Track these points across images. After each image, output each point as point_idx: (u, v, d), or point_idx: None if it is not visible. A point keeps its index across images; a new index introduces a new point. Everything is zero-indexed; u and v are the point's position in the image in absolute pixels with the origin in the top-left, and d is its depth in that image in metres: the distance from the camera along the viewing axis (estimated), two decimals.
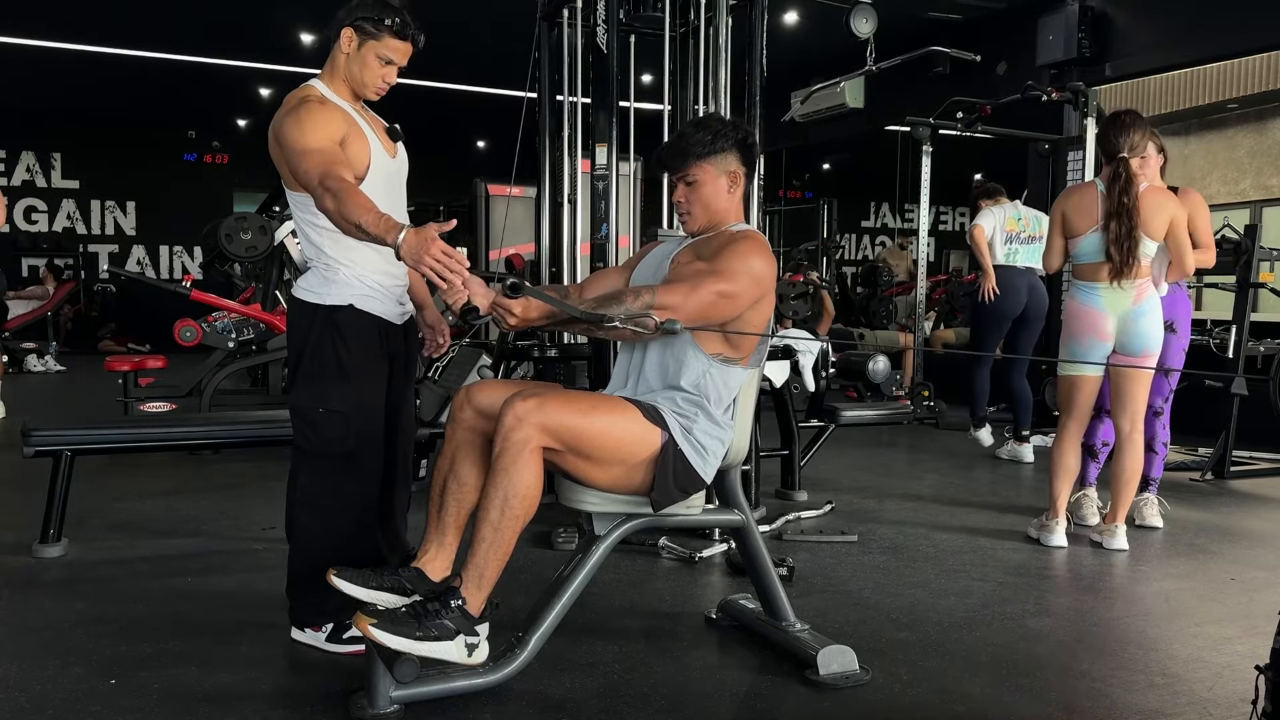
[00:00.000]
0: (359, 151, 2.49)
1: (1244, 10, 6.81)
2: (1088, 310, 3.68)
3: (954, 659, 2.63)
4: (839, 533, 3.88)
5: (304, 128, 2.40)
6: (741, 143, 2.51)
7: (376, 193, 2.50)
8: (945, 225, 17.55)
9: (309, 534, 2.58)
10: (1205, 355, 5.57)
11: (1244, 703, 2.03)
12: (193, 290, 6.31)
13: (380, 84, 2.56)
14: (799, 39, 9.15)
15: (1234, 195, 12.04)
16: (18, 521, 3.80)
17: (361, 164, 2.49)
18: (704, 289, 2.32)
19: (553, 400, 2.20)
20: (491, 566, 2.20)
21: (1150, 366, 3.73)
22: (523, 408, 2.15)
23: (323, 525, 2.57)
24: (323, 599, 2.50)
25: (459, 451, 2.36)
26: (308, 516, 2.58)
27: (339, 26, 2.52)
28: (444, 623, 2.14)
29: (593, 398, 2.38)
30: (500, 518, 2.16)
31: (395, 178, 2.65)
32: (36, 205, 13.70)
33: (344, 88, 2.56)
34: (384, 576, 2.34)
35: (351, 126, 2.49)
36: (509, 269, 7.05)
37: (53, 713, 2.24)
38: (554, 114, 4.26)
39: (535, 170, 4.32)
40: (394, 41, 2.51)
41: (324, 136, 2.40)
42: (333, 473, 2.55)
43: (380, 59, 2.52)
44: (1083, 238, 3.66)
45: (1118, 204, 3.56)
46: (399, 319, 2.67)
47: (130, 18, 9.11)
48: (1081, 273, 3.71)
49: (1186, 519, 4.31)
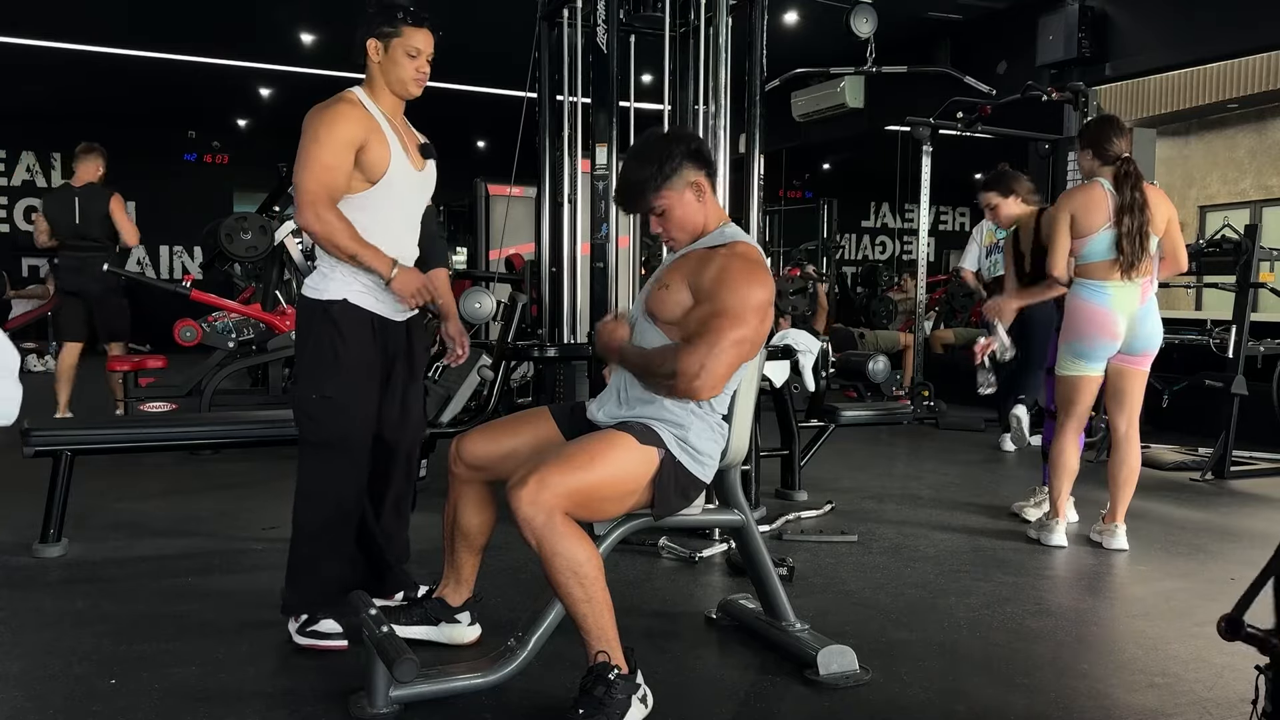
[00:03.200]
0: (379, 155, 2.59)
1: (1244, 10, 6.82)
2: (1099, 310, 3.66)
3: (954, 659, 2.63)
4: (839, 533, 3.88)
5: (322, 130, 2.54)
6: (689, 152, 2.41)
7: (391, 198, 2.65)
8: (945, 225, 17.56)
9: (306, 523, 2.67)
10: (1205, 355, 5.58)
11: (1244, 703, 2.03)
12: (193, 290, 6.30)
13: (416, 75, 2.66)
14: (799, 39, 9.15)
15: (1234, 195, 12.04)
16: (18, 521, 3.80)
17: (379, 168, 2.60)
18: (722, 344, 2.23)
19: (551, 471, 2.14)
20: (606, 622, 2.17)
21: (1147, 367, 3.75)
22: (528, 495, 2.10)
23: (318, 515, 2.66)
24: (311, 589, 2.64)
25: (460, 502, 2.51)
26: (306, 505, 2.67)
27: (361, 45, 2.65)
28: (617, 697, 2.13)
29: (586, 448, 2.24)
30: (583, 589, 2.14)
31: (417, 189, 2.75)
32: (36, 205, 13.67)
33: (385, 96, 2.67)
34: (411, 612, 2.60)
35: (375, 132, 2.59)
36: (509, 269, 7.05)
37: (53, 712, 2.24)
38: (554, 114, 4.26)
39: (535, 170, 4.32)
40: (413, 31, 2.63)
41: (337, 147, 2.53)
42: (328, 461, 2.64)
43: (408, 53, 2.63)
44: (1094, 236, 3.65)
45: (1130, 199, 3.62)
46: (398, 315, 2.72)
47: (130, 18, 9.11)
48: (1092, 272, 3.69)
49: (1186, 519, 4.31)
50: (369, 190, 2.61)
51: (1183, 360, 6.07)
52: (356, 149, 2.56)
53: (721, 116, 3.91)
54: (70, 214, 6.03)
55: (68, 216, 6.03)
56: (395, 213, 2.69)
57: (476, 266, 8.55)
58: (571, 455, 2.20)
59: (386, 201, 2.65)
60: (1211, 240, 5.64)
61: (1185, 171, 12.54)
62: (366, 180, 2.61)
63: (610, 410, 2.42)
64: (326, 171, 2.53)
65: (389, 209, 2.66)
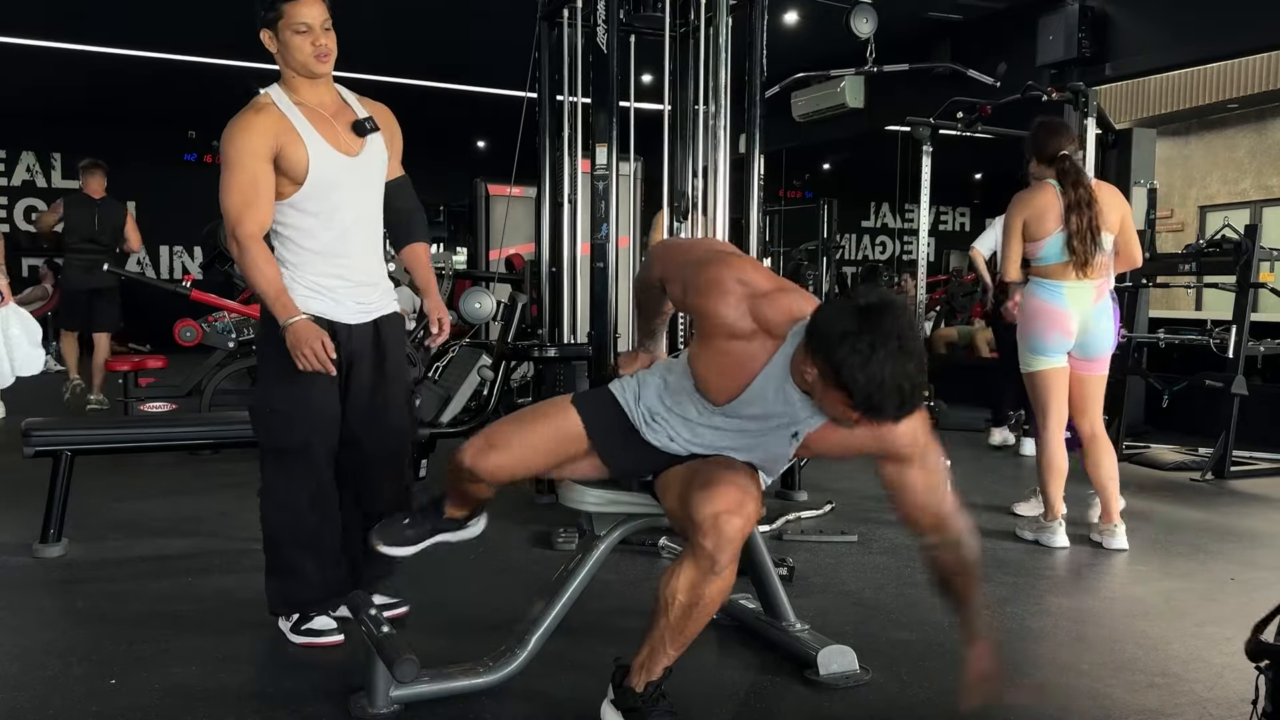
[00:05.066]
0: (295, 158, 2.48)
1: (1244, 10, 6.81)
2: (1051, 308, 3.68)
3: (954, 659, 2.62)
4: (839, 533, 3.88)
5: (231, 143, 2.46)
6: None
7: (326, 194, 2.53)
8: (945, 225, 17.56)
9: (272, 525, 2.68)
10: (1205, 355, 5.58)
11: (1244, 703, 2.03)
12: (193, 290, 6.31)
13: (314, 50, 2.49)
14: (799, 39, 9.14)
15: (1234, 195, 12.04)
16: (18, 521, 3.80)
17: (298, 170, 2.49)
18: (941, 470, 2.14)
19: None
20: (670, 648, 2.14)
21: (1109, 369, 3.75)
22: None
23: (283, 517, 2.66)
24: (290, 589, 2.66)
25: (476, 489, 2.35)
26: (269, 508, 2.68)
27: (260, 37, 2.54)
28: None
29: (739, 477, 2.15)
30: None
31: (356, 175, 2.59)
32: (36, 205, 13.68)
33: (300, 85, 2.55)
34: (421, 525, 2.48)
35: (286, 133, 2.48)
36: (509, 269, 7.06)
37: (53, 712, 2.24)
38: (554, 114, 4.26)
39: (535, 170, 4.32)
40: (293, 6, 2.47)
41: (247, 159, 2.44)
42: (286, 466, 2.63)
43: (295, 30, 2.47)
44: (1049, 239, 3.66)
45: (1075, 196, 3.62)
46: (355, 318, 2.63)
47: (130, 18, 9.11)
48: (1047, 272, 3.71)
49: (1186, 519, 4.31)
50: (300, 191, 2.52)
51: (1183, 360, 6.07)
52: (272, 157, 2.46)
53: (721, 116, 3.92)
54: (90, 222, 7.01)
55: (88, 223, 7.01)
56: (339, 207, 2.56)
57: (476, 266, 8.55)
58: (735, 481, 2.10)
59: (322, 198, 2.53)
60: (1211, 240, 5.64)
61: (1185, 171, 12.54)
62: (293, 183, 2.51)
63: (689, 440, 2.22)
64: (243, 191, 2.44)
65: (329, 205, 2.55)
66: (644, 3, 4.27)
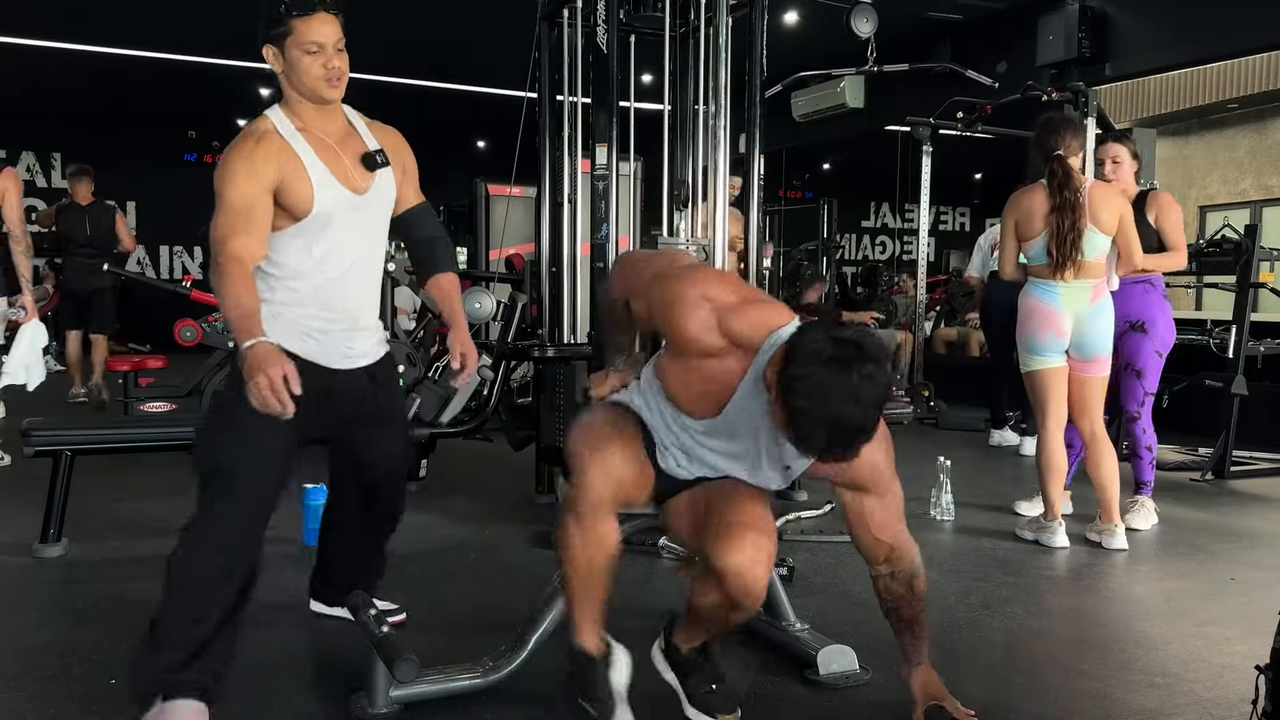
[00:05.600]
0: (299, 195, 2.23)
1: (1244, 10, 6.82)
2: (1045, 308, 3.68)
3: (954, 659, 2.63)
4: (839, 533, 3.88)
5: (229, 170, 2.19)
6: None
7: (328, 231, 2.29)
8: (945, 225, 17.57)
9: (178, 570, 2.23)
10: (1205, 355, 5.58)
11: (1244, 703, 2.03)
12: (193, 290, 6.32)
13: (326, 73, 2.23)
14: (799, 39, 9.15)
15: (1234, 195, 12.05)
16: (18, 521, 3.80)
17: (300, 206, 2.24)
18: (898, 503, 2.17)
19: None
20: None
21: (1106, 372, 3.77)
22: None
23: (191, 568, 2.21)
24: (166, 658, 2.15)
25: (597, 538, 2.03)
26: (181, 547, 2.23)
27: (263, 53, 2.28)
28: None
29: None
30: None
31: (361, 216, 2.35)
32: (37, 205, 13.67)
33: (304, 109, 2.29)
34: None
35: (290, 164, 2.22)
36: (509, 269, 7.05)
37: (53, 713, 2.24)
38: (554, 114, 4.25)
39: (535, 170, 4.31)
40: (304, 22, 2.19)
41: (245, 190, 2.17)
42: (208, 506, 2.23)
43: (305, 50, 2.21)
44: (1038, 239, 3.67)
45: (1059, 199, 3.61)
46: (343, 363, 2.38)
47: (130, 18, 9.11)
48: (1040, 272, 3.72)
49: (1186, 519, 4.31)
50: (296, 226, 2.26)
51: (1183, 360, 6.06)
52: (273, 189, 2.20)
53: (721, 116, 3.91)
54: (82, 228, 7.25)
55: (80, 230, 7.25)
56: (338, 248, 2.31)
57: (476, 266, 8.55)
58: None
59: (321, 237, 2.29)
60: (1211, 240, 5.64)
61: (1185, 171, 12.55)
62: (291, 219, 2.25)
63: (690, 469, 2.16)
64: (233, 226, 2.16)
65: (327, 245, 2.30)
66: (644, 3, 4.27)
